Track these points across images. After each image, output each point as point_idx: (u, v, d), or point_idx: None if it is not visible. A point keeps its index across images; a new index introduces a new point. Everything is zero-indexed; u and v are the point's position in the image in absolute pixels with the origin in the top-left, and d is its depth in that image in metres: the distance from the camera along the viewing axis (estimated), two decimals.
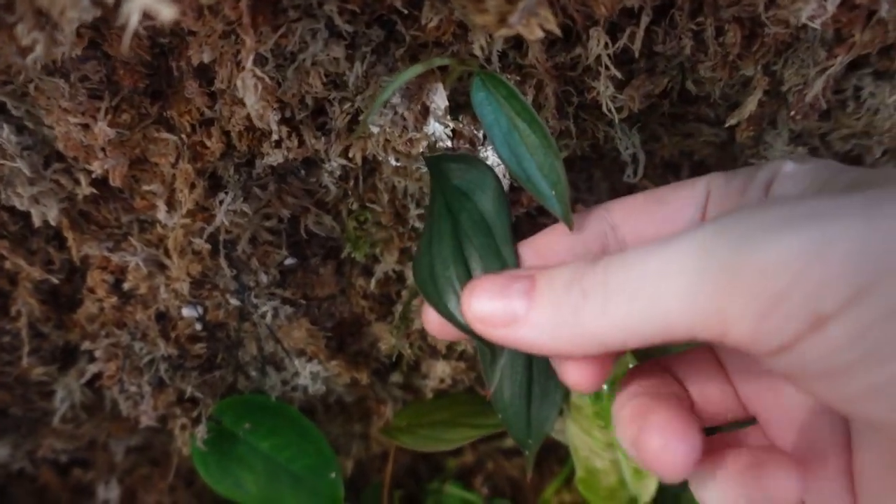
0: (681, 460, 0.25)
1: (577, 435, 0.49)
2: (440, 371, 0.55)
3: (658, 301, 0.23)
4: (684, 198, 0.33)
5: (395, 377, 0.57)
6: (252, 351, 0.50)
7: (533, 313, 0.25)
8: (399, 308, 0.51)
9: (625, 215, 0.34)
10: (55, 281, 0.47)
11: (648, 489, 0.51)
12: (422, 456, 0.68)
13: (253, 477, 0.50)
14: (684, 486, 0.56)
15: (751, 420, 0.32)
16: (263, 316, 0.48)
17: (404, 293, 0.50)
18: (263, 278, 0.48)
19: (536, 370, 0.47)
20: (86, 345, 0.48)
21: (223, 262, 0.46)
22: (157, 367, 0.48)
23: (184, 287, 0.46)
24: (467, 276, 0.34)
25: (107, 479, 0.63)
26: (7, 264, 0.47)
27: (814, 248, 0.21)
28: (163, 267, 0.47)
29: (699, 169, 0.53)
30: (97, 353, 0.48)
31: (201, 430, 0.49)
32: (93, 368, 0.49)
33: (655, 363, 0.33)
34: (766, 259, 0.22)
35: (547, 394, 0.47)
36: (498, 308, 0.26)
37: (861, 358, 0.21)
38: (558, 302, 0.25)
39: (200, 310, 0.48)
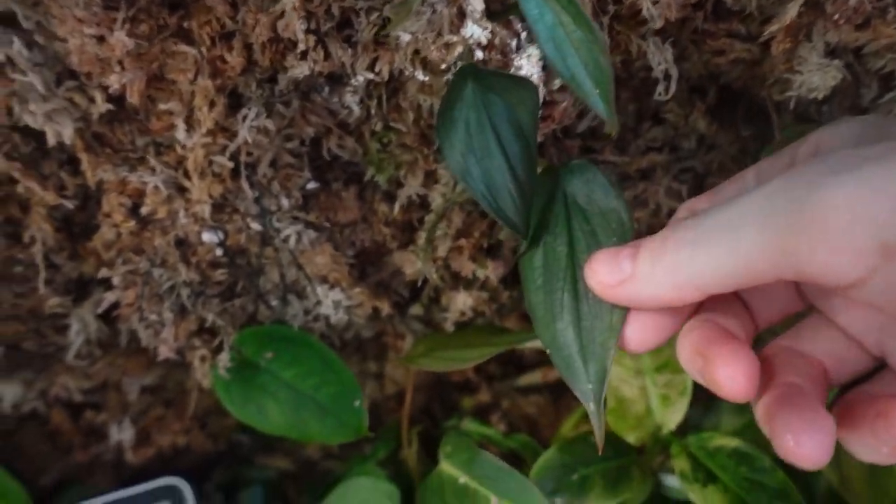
0: (744, 386, 0.28)
1: None
2: (461, 303, 0.54)
3: (736, 246, 0.26)
4: (738, 181, 0.35)
5: (416, 310, 0.56)
6: (274, 278, 0.49)
7: (637, 270, 0.30)
8: (423, 233, 0.50)
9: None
10: (70, 206, 0.45)
11: (675, 417, 0.51)
12: (437, 395, 0.67)
13: (277, 405, 0.50)
14: (709, 412, 0.55)
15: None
16: (286, 241, 0.47)
17: (428, 218, 0.49)
18: (285, 202, 0.47)
19: (585, 321, 0.45)
20: (103, 272, 0.47)
21: (245, 184, 0.44)
22: (179, 294, 0.47)
23: (205, 210, 0.45)
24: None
25: (120, 420, 0.62)
26: (19, 188, 0.45)
27: (875, 184, 0.23)
28: (182, 190, 0.46)
29: (726, 93, 0.52)
30: (115, 281, 0.47)
31: (223, 358, 0.48)
32: (110, 297, 0.47)
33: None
34: (830, 197, 0.23)
35: (593, 336, 0.45)
36: (612, 270, 0.31)
37: None
38: (656, 258, 0.29)
39: (221, 235, 0.46)
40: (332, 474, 0.68)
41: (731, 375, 0.28)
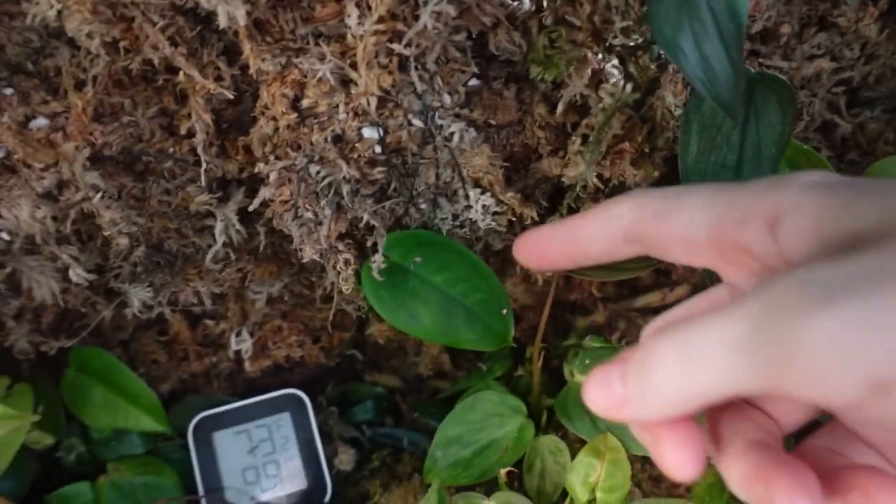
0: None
1: None
2: None
3: (722, 370, 0.25)
4: (710, 293, 0.33)
5: (554, 219, 0.55)
6: (428, 179, 0.48)
7: (629, 391, 0.28)
8: (576, 138, 0.48)
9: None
10: (229, 97, 0.44)
11: None
12: (550, 316, 0.66)
13: (427, 310, 0.49)
14: None
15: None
16: (448, 138, 0.45)
17: (587, 121, 0.48)
18: (447, 99, 0.45)
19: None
20: (259, 168, 0.46)
21: (415, 76, 0.43)
22: (338, 191, 0.46)
23: (371, 103, 0.43)
24: None
25: (238, 330, 0.62)
26: (179, 77, 0.44)
27: (861, 321, 0.22)
28: (345, 83, 0.44)
29: None
30: (271, 177, 0.46)
31: (377, 259, 0.47)
32: (265, 193, 0.46)
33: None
34: (816, 332, 0.23)
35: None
36: (606, 394, 0.29)
37: None
38: (641, 379, 0.28)
39: (381, 131, 0.45)
40: (440, 391, 0.68)
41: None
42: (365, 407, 0.66)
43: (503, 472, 0.52)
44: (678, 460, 0.28)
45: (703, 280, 0.65)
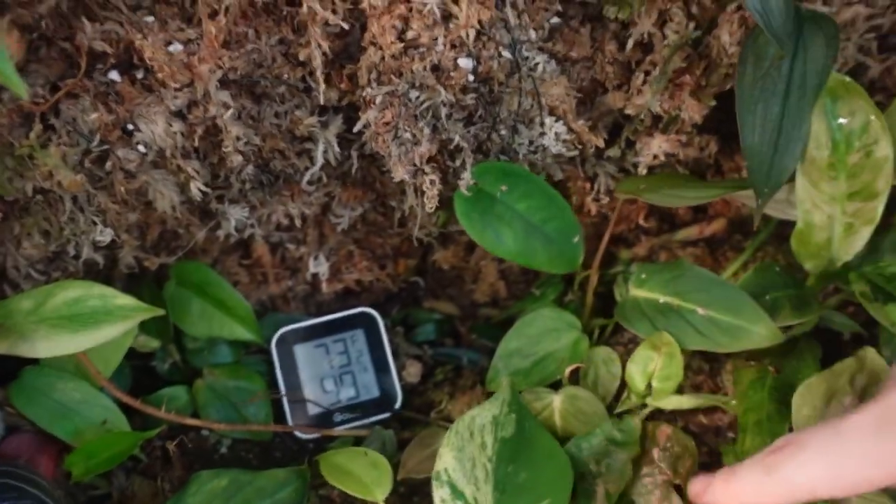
0: None
1: (803, 187, 0.53)
2: (656, 147, 0.59)
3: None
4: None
5: (612, 152, 0.61)
6: (511, 107, 0.54)
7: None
8: (640, 73, 0.55)
9: None
10: (345, 27, 0.50)
11: (856, 245, 0.56)
12: (596, 248, 0.73)
13: (512, 233, 0.55)
14: (872, 252, 0.60)
15: None
16: (532, 69, 0.52)
17: (650, 58, 0.54)
18: (533, 34, 0.52)
19: (788, 123, 0.52)
20: (366, 92, 0.52)
21: (509, 11, 0.49)
22: (435, 113, 0.52)
23: (470, 34, 0.50)
24: None
25: (316, 255, 0.68)
26: (302, 8, 0.50)
27: None
28: (446, 18, 0.50)
29: None
30: (376, 101, 0.52)
31: (466, 177, 0.54)
32: (369, 116, 0.52)
33: None
34: None
35: (790, 145, 0.52)
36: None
37: None
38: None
39: (475, 62, 0.51)
40: (492, 318, 0.74)
41: None
42: (427, 329, 0.73)
43: (567, 371, 0.58)
44: None
45: (738, 213, 0.72)
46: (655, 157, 0.60)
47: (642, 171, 0.61)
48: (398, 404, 0.66)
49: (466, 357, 0.71)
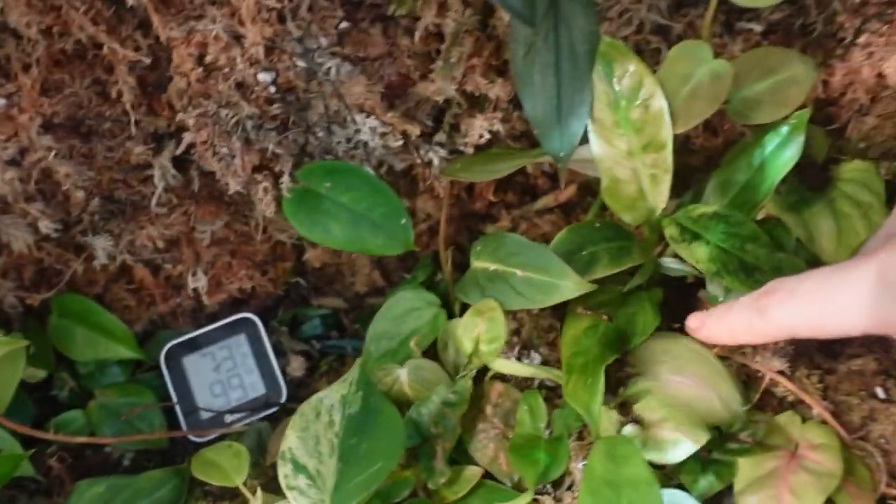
0: None
1: (599, 145, 0.57)
2: (478, 127, 0.63)
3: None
4: None
5: (439, 137, 0.65)
6: (319, 110, 0.58)
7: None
8: (440, 61, 0.59)
9: None
10: (146, 62, 0.55)
11: (663, 194, 0.60)
12: (463, 227, 0.77)
13: (339, 225, 0.59)
14: (694, 199, 0.64)
15: None
16: (328, 73, 0.56)
17: (445, 45, 0.58)
18: (323, 41, 0.56)
19: (566, 90, 0.56)
20: (179, 117, 0.56)
21: (291, 25, 0.54)
22: (244, 127, 0.56)
23: (259, 52, 0.54)
24: None
25: (194, 271, 0.73)
26: (104, 51, 0.54)
27: None
28: (238, 38, 0.55)
29: None
30: (189, 123, 0.56)
31: (286, 181, 0.58)
32: (188, 137, 0.57)
33: None
34: None
35: (573, 109, 0.56)
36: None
37: None
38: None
39: (273, 74, 0.56)
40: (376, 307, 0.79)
41: None
42: (313, 324, 0.77)
43: (416, 348, 0.63)
44: None
45: (586, 178, 0.76)
46: (481, 136, 0.64)
47: (469, 150, 0.65)
48: (283, 398, 0.71)
49: (351, 346, 0.76)
